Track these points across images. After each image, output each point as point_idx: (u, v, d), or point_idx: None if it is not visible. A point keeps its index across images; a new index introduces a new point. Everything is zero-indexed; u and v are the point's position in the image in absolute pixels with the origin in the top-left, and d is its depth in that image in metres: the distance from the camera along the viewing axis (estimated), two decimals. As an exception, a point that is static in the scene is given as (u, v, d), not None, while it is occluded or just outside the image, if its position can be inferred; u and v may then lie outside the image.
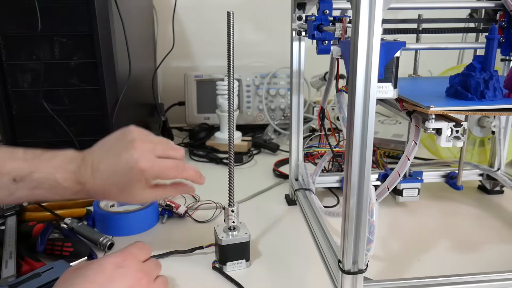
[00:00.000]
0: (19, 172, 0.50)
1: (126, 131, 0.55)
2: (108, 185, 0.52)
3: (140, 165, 0.51)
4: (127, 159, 0.51)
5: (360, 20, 0.40)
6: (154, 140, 0.55)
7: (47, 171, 0.51)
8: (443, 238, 0.72)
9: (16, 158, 0.51)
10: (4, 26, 0.75)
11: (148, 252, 0.53)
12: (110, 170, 0.52)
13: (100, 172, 0.52)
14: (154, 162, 0.53)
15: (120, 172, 0.52)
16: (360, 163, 0.44)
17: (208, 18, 1.41)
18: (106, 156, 0.53)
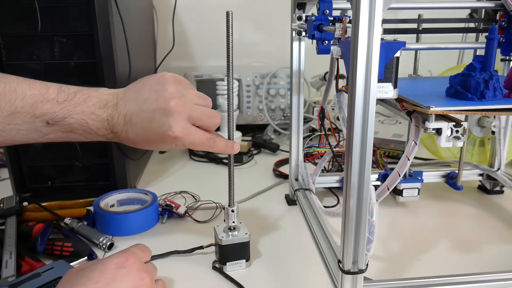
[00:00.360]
0: (51, 115, 0.49)
1: (163, 81, 0.52)
2: (140, 139, 0.52)
3: (173, 134, 0.50)
4: (162, 123, 0.50)
5: (360, 20, 0.40)
6: (191, 99, 0.53)
7: (80, 118, 0.50)
8: (443, 238, 0.72)
9: (49, 99, 0.49)
10: (4, 26, 0.75)
11: (149, 254, 0.53)
12: (143, 126, 0.51)
13: (132, 125, 0.51)
14: (188, 134, 0.52)
15: (153, 132, 0.51)
16: (360, 163, 0.44)
17: (208, 18, 1.41)
18: (140, 109, 0.51)
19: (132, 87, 0.53)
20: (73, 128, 0.51)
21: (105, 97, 0.52)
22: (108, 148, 0.82)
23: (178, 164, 1.08)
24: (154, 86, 0.52)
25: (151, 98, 0.51)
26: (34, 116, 0.49)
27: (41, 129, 0.50)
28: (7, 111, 0.48)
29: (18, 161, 0.82)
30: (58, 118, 0.50)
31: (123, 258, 0.48)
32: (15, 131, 0.49)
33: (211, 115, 0.54)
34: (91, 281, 0.44)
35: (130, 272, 0.47)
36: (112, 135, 0.52)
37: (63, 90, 0.51)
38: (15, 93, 0.48)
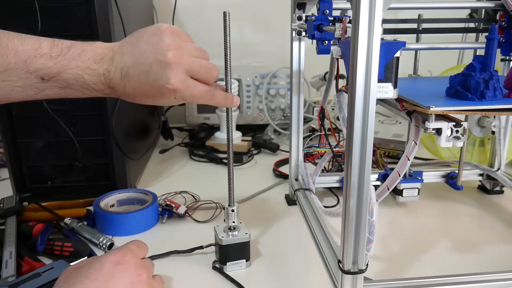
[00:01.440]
0: (46, 71, 0.48)
1: (160, 32, 0.50)
2: (138, 93, 0.51)
3: (172, 86, 0.49)
4: (160, 75, 0.49)
5: (360, 20, 0.40)
6: (189, 51, 0.52)
7: (76, 73, 0.49)
8: (443, 238, 0.72)
9: (42, 54, 0.48)
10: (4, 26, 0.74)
11: (146, 250, 0.53)
12: (141, 80, 0.50)
13: (130, 79, 0.50)
14: (187, 86, 0.51)
15: (151, 85, 0.50)
16: (360, 163, 0.44)
17: (208, 18, 1.41)
18: (137, 62, 0.50)
19: (128, 40, 0.52)
20: (69, 84, 0.49)
21: (101, 51, 0.51)
22: (108, 148, 0.82)
23: (178, 164, 1.08)
24: (150, 38, 0.51)
25: (148, 50, 0.50)
26: (28, 72, 0.48)
27: (37, 85, 0.49)
28: (1, 67, 0.47)
29: (18, 161, 0.82)
30: (53, 74, 0.48)
31: (120, 255, 0.48)
32: (10, 88, 0.48)
33: (210, 67, 0.53)
34: (88, 279, 0.44)
35: (127, 269, 0.47)
36: (110, 90, 0.51)
37: (56, 44, 0.50)
38: (6, 48, 0.47)
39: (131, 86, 0.51)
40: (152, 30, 0.51)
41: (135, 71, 0.50)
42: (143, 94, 0.51)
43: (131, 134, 0.93)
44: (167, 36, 0.50)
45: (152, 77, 0.49)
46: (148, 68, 0.49)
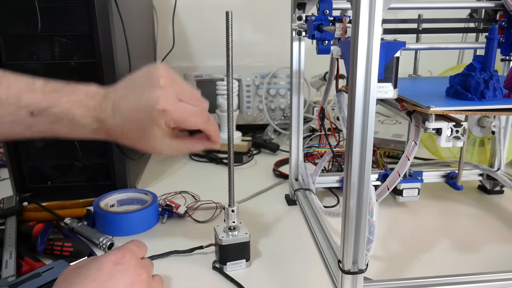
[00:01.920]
0: (36, 106, 0.48)
1: (153, 68, 0.51)
2: (127, 123, 0.50)
3: (161, 105, 0.48)
4: (150, 96, 0.49)
5: (360, 20, 0.40)
6: (181, 82, 0.52)
7: (65, 106, 0.48)
8: (443, 238, 0.72)
9: (35, 90, 0.48)
10: (4, 26, 0.75)
11: (145, 250, 0.53)
12: (131, 106, 0.49)
13: (120, 109, 0.49)
14: (178, 105, 0.50)
15: (140, 109, 0.49)
16: (360, 163, 0.44)
17: (208, 18, 1.41)
18: (130, 92, 0.50)
19: (122, 80, 0.53)
20: (58, 118, 0.49)
21: (94, 90, 0.51)
22: (108, 148, 0.82)
23: (178, 164, 1.08)
24: (144, 72, 0.52)
25: (141, 81, 0.50)
26: (18, 107, 0.48)
27: (25, 121, 0.48)
28: None
29: (18, 161, 0.82)
30: (42, 108, 0.48)
31: (120, 255, 0.48)
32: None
33: (200, 98, 0.54)
34: (88, 279, 0.44)
35: (127, 269, 0.47)
36: (98, 124, 0.50)
37: (50, 83, 0.50)
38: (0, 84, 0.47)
39: (121, 115, 0.50)
40: (146, 67, 0.52)
41: (126, 100, 0.50)
42: (133, 123, 0.50)
43: (131, 134, 0.93)
44: (159, 69, 0.51)
45: (143, 100, 0.49)
46: (140, 95, 0.49)
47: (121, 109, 0.50)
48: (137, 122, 0.50)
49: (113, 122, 0.50)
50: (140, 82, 0.51)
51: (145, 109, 0.49)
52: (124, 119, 0.50)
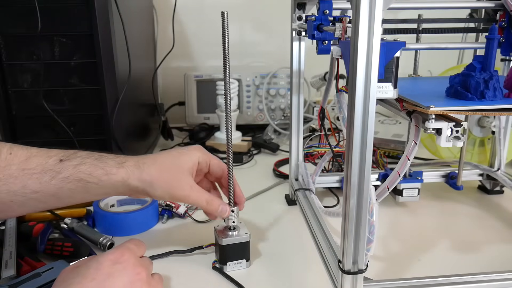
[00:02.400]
0: (65, 153, 0.52)
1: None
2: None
3: None
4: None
5: (360, 20, 0.40)
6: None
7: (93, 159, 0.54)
8: (443, 238, 0.72)
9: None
10: (4, 26, 0.75)
11: (143, 249, 0.53)
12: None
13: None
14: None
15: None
16: (360, 163, 0.44)
17: (208, 18, 1.41)
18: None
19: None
20: (83, 160, 0.53)
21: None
22: (108, 148, 0.82)
23: (178, 164, 1.08)
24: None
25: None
26: (48, 156, 0.51)
27: (53, 168, 0.51)
28: (24, 156, 0.50)
29: (18, 161, 0.81)
30: (71, 153, 0.52)
31: (118, 254, 0.48)
32: (28, 177, 0.50)
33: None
34: (86, 279, 0.44)
35: (126, 268, 0.47)
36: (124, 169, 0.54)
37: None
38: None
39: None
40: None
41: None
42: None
43: (131, 134, 0.93)
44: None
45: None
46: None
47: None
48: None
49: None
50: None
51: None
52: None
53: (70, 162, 0.52)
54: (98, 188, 0.53)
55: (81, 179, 0.52)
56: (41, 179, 0.50)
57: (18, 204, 0.50)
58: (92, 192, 0.53)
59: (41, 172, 0.50)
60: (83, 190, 0.52)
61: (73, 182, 0.51)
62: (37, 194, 0.50)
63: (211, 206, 0.59)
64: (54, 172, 0.51)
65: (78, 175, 0.52)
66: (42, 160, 0.51)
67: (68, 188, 0.51)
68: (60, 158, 0.52)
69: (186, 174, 0.58)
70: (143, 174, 0.54)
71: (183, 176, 0.57)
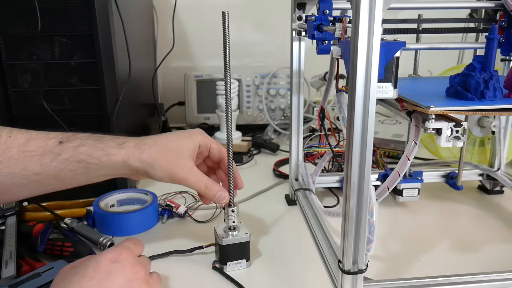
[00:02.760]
0: (64, 135, 0.53)
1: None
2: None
3: None
4: None
5: (360, 20, 0.40)
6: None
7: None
8: (443, 238, 0.72)
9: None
10: (4, 26, 0.75)
11: (142, 248, 0.53)
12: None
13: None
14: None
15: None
16: (360, 163, 0.44)
17: (208, 18, 1.41)
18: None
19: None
20: (83, 141, 0.53)
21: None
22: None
23: (178, 164, 1.08)
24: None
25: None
26: (48, 138, 0.51)
27: (53, 149, 0.51)
28: (24, 139, 0.50)
29: (18, 161, 0.81)
30: (70, 135, 0.53)
31: (116, 253, 0.48)
32: (28, 159, 0.50)
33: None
34: (85, 278, 0.44)
35: (124, 266, 0.47)
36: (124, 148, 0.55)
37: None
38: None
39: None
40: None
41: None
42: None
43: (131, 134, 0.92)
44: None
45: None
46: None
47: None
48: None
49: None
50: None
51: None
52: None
53: (70, 144, 0.52)
54: (98, 168, 0.53)
55: (82, 160, 0.52)
56: (41, 161, 0.50)
57: (19, 187, 0.50)
58: (92, 173, 0.53)
59: (41, 154, 0.50)
60: (84, 171, 0.52)
61: (73, 163, 0.51)
62: (38, 176, 0.51)
63: (209, 191, 0.59)
64: (54, 153, 0.51)
65: (78, 156, 0.52)
66: (41, 142, 0.51)
67: (68, 169, 0.51)
68: (60, 140, 0.52)
69: (187, 157, 0.58)
70: (143, 155, 0.54)
71: (183, 158, 0.57)
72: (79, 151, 0.52)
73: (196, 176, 0.58)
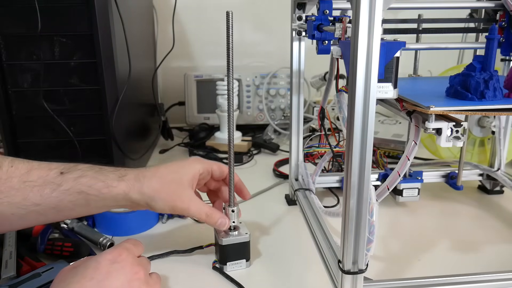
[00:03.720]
0: (65, 166, 0.53)
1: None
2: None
3: None
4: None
5: (360, 20, 0.40)
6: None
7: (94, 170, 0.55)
8: (443, 238, 0.72)
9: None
10: (4, 26, 0.75)
11: (141, 248, 0.53)
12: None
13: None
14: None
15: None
16: (360, 163, 0.44)
17: (208, 18, 1.41)
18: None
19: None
20: (84, 172, 0.53)
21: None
22: (108, 148, 0.82)
23: (178, 164, 1.08)
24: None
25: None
26: (49, 169, 0.52)
27: (54, 180, 0.51)
28: (25, 169, 0.51)
29: (18, 161, 0.81)
30: (71, 165, 0.53)
31: (116, 253, 0.48)
32: (29, 189, 0.50)
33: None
34: (85, 278, 0.44)
35: (124, 267, 0.47)
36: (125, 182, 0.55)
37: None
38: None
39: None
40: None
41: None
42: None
43: (131, 134, 0.93)
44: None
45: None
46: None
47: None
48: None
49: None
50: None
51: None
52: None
53: (71, 175, 0.52)
54: (98, 200, 0.53)
55: (82, 191, 0.52)
56: (42, 192, 0.50)
57: (18, 217, 0.50)
58: (92, 204, 0.53)
59: (42, 184, 0.51)
60: (83, 203, 0.52)
61: (73, 194, 0.52)
62: (38, 207, 0.51)
63: (211, 219, 0.59)
64: (55, 184, 0.51)
65: (79, 187, 0.52)
66: (43, 172, 0.51)
67: (68, 200, 0.52)
68: (61, 171, 0.52)
69: (186, 187, 0.58)
70: (143, 187, 0.55)
71: (184, 189, 0.58)
72: (80, 182, 0.52)
73: (196, 205, 0.59)
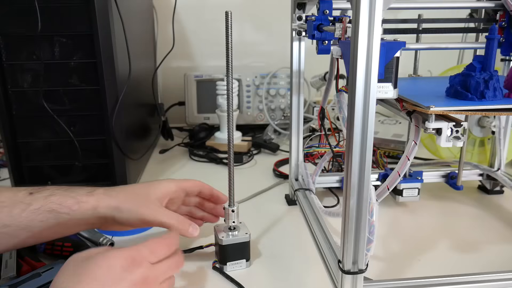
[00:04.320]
0: (35, 187, 0.53)
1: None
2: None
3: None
4: None
5: (360, 20, 0.40)
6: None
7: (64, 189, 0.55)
8: (443, 238, 0.72)
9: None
10: (4, 26, 0.75)
11: (161, 252, 0.51)
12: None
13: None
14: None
15: None
16: (360, 163, 0.44)
17: (208, 18, 1.41)
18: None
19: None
20: (54, 190, 0.53)
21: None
22: (108, 148, 0.82)
23: (178, 164, 1.08)
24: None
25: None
26: (18, 191, 0.52)
27: (23, 200, 0.51)
28: None
29: (18, 161, 0.82)
30: (41, 187, 0.53)
31: (130, 260, 0.45)
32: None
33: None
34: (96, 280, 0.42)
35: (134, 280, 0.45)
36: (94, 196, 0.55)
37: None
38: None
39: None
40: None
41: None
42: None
43: (131, 134, 0.93)
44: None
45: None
46: None
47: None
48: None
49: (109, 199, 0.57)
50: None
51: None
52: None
53: (41, 194, 0.52)
54: (69, 218, 0.53)
55: (52, 210, 0.52)
56: (11, 212, 0.50)
57: None
58: (62, 224, 0.53)
59: (11, 205, 0.50)
60: (54, 222, 0.52)
61: (44, 213, 0.51)
62: (8, 228, 0.50)
63: (182, 225, 0.58)
64: (25, 204, 0.51)
65: (49, 205, 0.52)
66: (11, 193, 0.51)
67: (39, 220, 0.51)
68: (30, 192, 0.52)
69: (154, 200, 0.59)
70: (111, 200, 0.55)
71: (151, 201, 0.58)
72: (50, 201, 0.52)
73: (166, 212, 0.59)
